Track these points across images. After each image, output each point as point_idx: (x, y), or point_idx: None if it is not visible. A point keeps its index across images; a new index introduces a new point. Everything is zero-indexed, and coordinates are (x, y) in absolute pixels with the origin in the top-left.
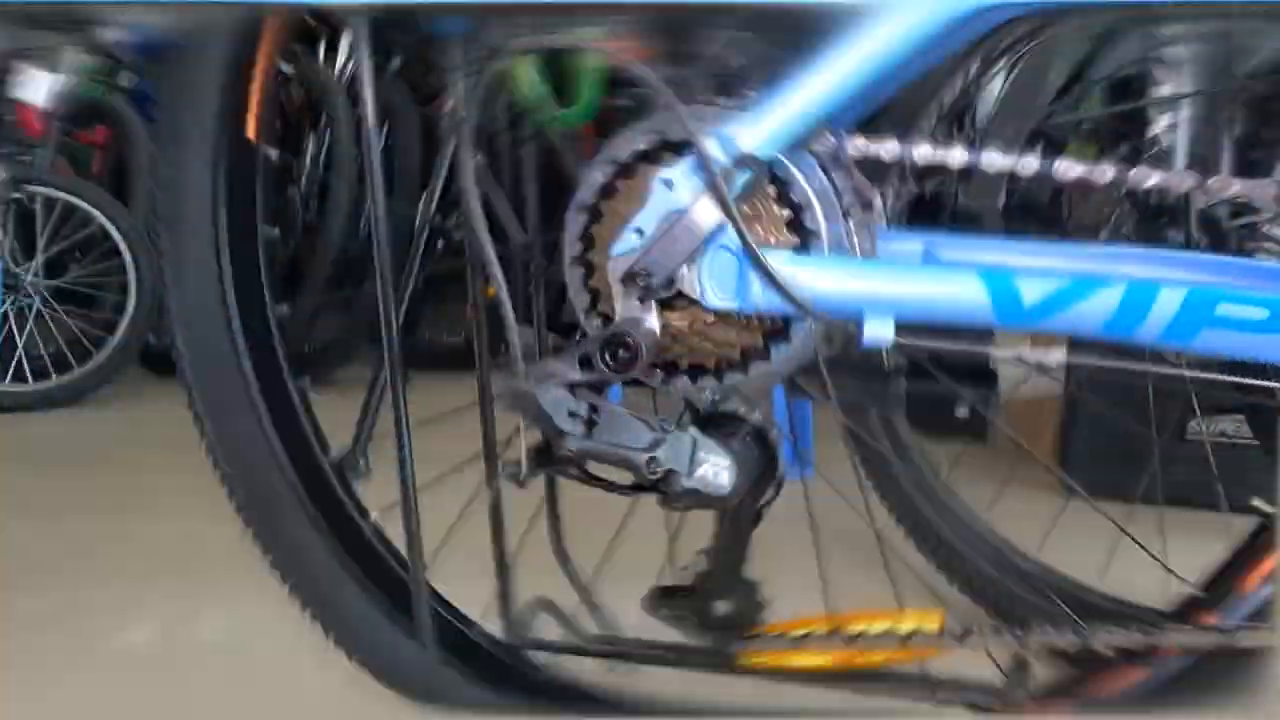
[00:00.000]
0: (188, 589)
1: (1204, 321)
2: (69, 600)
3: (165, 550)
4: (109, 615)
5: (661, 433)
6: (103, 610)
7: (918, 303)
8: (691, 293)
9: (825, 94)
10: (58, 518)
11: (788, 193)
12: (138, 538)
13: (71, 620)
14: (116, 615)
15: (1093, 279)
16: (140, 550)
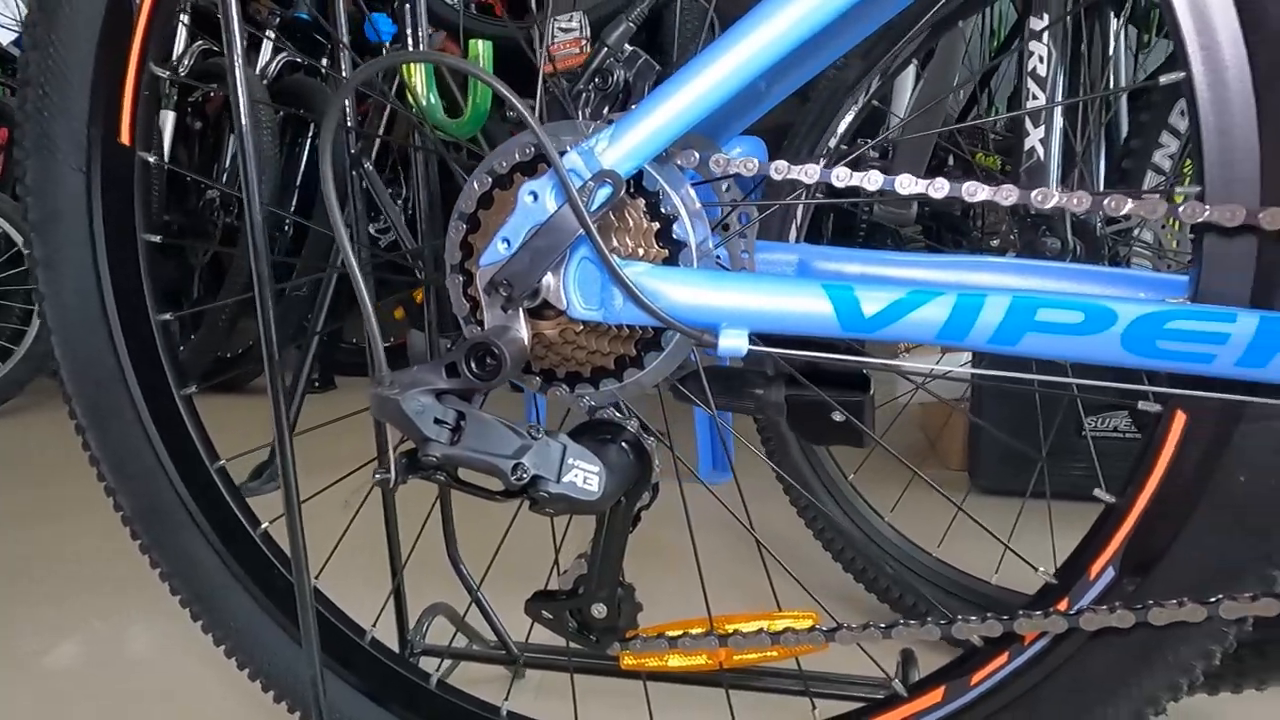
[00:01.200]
0: (111, 604)
1: (1026, 327)
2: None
3: (86, 564)
4: (32, 632)
5: (530, 439)
6: (24, 626)
7: (769, 314)
8: (557, 303)
9: (693, 106)
10: None
11: (657, 205)
12: (55, 552)
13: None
14: (40, 632)
15: (925, 290)
16: (60, 564)
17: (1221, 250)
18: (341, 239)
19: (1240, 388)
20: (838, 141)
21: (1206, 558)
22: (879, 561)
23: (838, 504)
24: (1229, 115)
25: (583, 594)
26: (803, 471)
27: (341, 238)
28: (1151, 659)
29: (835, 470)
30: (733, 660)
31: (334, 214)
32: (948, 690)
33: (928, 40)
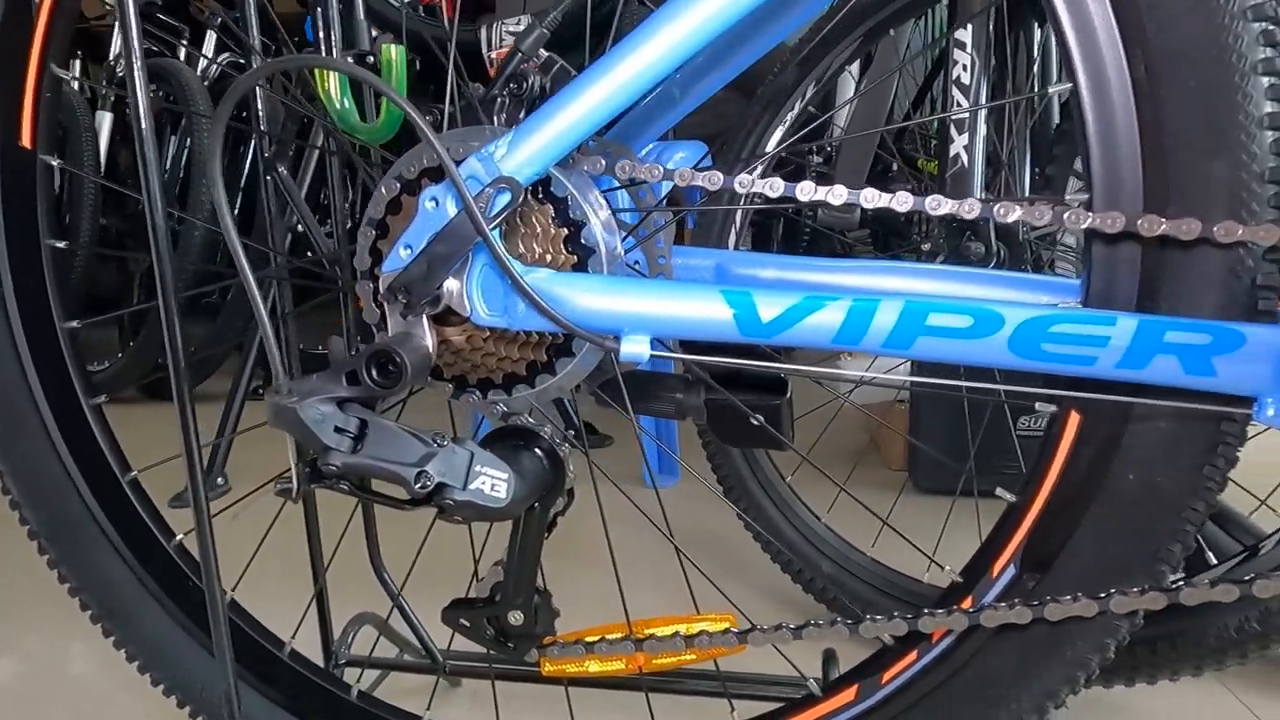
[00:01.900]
0: (53, 621)
1: (918, 331)
2: None
3: (22, 580)
4: None
5: (435, 447)
6: None
7: (669, 320)
8: (461, 309)
9: (593, 112)
10: None
11: (566, 211)
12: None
13: None
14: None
15: (820, 295)
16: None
17: (1108, 256)
18: (232, 241)
19: (1128, 389)
20: (775, 147)
21: (1100, 554)
22: (815, 562)
23: (775, 506)
24: (1112, 125)
25: (499, 601)
26: (741, 473)
27: (232, 240)
28: (1050, 654)
29: (774, 472)
30: (652, 664)
31: (224, 218)
32: (860, 689)
33: (862, 47)
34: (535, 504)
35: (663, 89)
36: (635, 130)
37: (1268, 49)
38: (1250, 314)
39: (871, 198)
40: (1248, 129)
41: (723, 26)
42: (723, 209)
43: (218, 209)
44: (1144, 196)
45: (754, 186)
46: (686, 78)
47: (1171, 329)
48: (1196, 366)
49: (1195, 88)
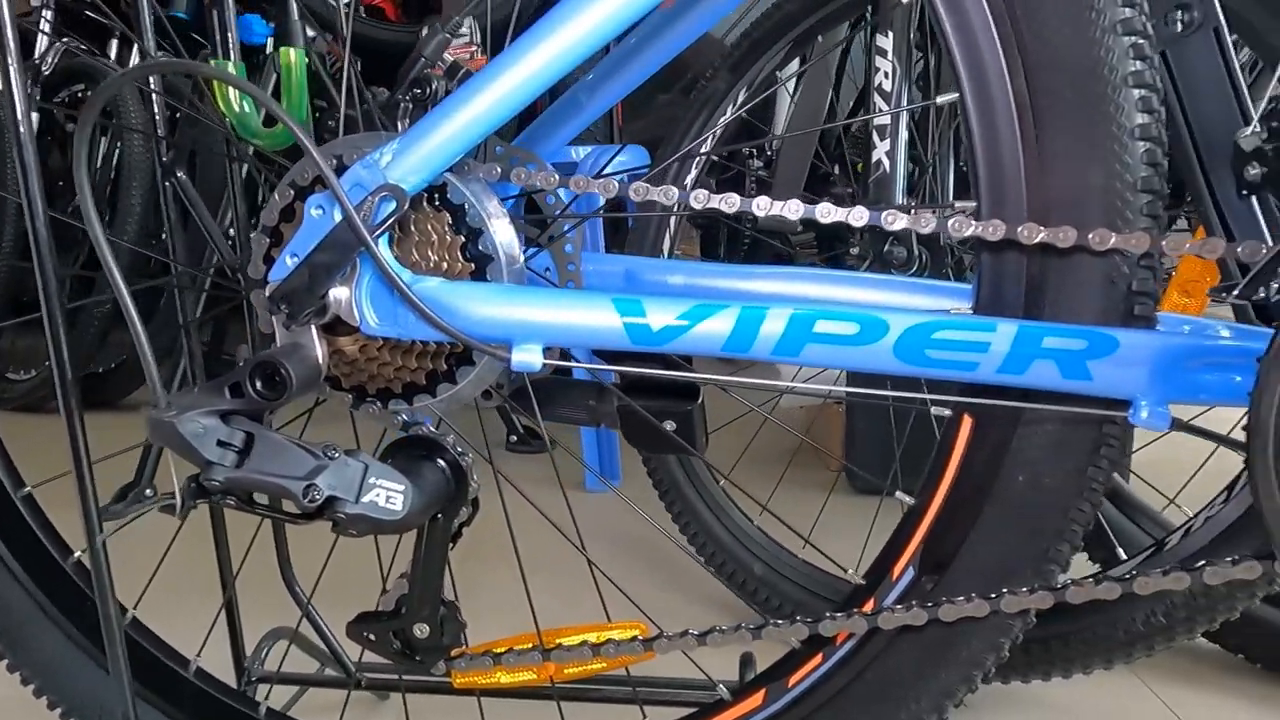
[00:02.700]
0: None
1: (806, 338)
2: None
3: None
4: None
5: (325, 459)
6: None
7: (560, 328)
8: (350, 319)
9: (481, 119)
10: None
11: (463, 218)
12: None
13: None
14: None
15: (710, 304)
16: None
17: (994, 263)
18: (100, 246)
19: (1017, 393)
20: (708, 153)
21: (993, 555)
22: (747, 564)
23: (709, 508)
24: (996, 134)
25: (404, 614)
26: (676, 477)
27: (101, 245)
28: (946, 654)
29: (708, 476)
30: (563, 673)
31: (92, 227)
32: (768, 693)
33: (791, 53)
34: (438, 515)
35: (570, 94)
36: (545, 135)
37: (1138, 62)
38: (1128, 319)
39: (776, 207)
40: (1121, 140)
41: (607, 34)
42: (657, 215)
43: (84, 214)
44: (1027, 205)
45: (674, 196)
46: (593, 82)
47: (1049, 334)
48: (1073, 371)
49: (1071, 99)
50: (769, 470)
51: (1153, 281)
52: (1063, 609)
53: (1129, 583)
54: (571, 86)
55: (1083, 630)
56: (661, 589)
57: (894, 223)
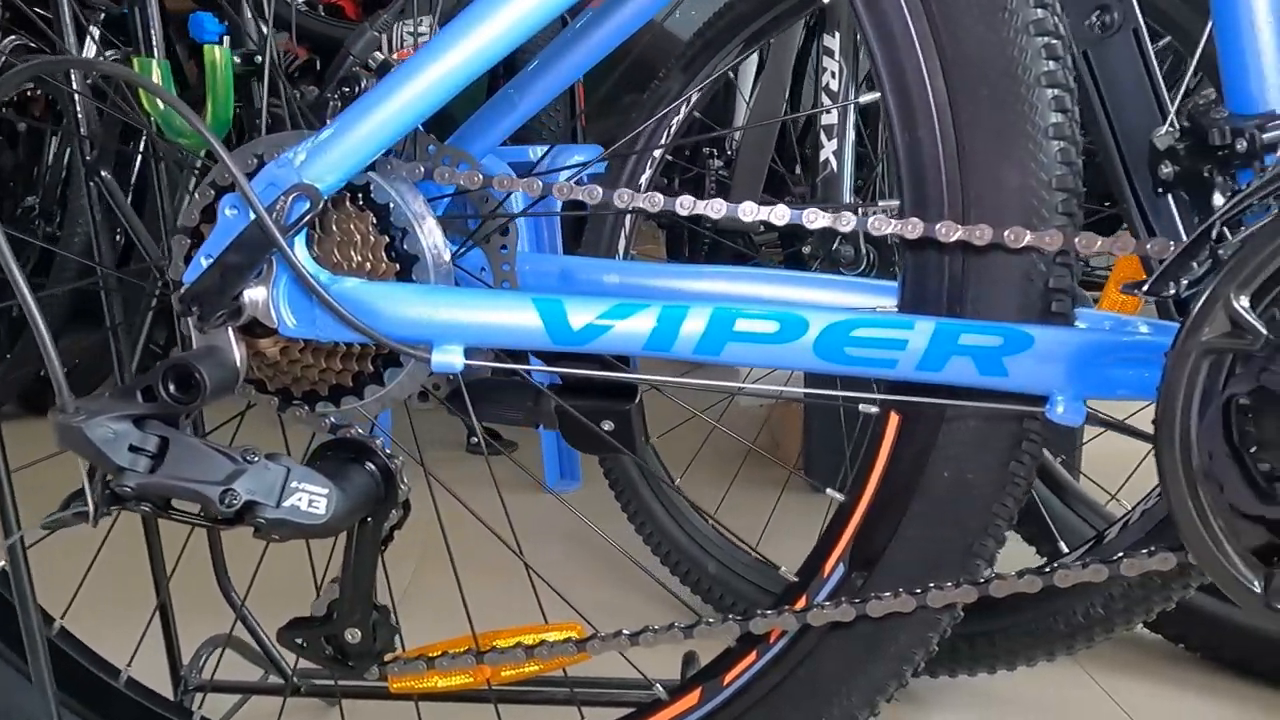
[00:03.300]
0: None
1: (727, 337)
2: None
3: None
4: None
5: (244, 464)
6: None
7: (481, 328)
8: (267, 320)
9: (397, 117)
10: None
11: (387, 218)
12: None
13: None
14: None
15: (631, 303)
16: None
17: (917, 261)
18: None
19: (943, 390)
20: (662, 152)
21: (920, 550)
22: (702, 563)
23: (664, 507)
24: (917, 134)
25: (336, 619)
26: (631, 476)
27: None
28: (876, 649)
29: (663, 474)
30: (500, 676)
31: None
32: (704, 691)
33: (743, 52)
34: (368, 519)
35: (502, 93)
36: (478, 134)
37: (1050, 62)
38: (1046, 316)
39: (699, 206)
40: (1035, 138)
41: (523, 33)
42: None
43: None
44: (947, 203)
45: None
46: (525, 81)
47: (965, 331)
48: (989, 367)
49: (987, 98)
50: (730, 465)
51: (1070, 278)
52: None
53: (1049, 576)
54: (505, 85)
55: (1025, 623)
56: (618, 589)
57: (814, 221)
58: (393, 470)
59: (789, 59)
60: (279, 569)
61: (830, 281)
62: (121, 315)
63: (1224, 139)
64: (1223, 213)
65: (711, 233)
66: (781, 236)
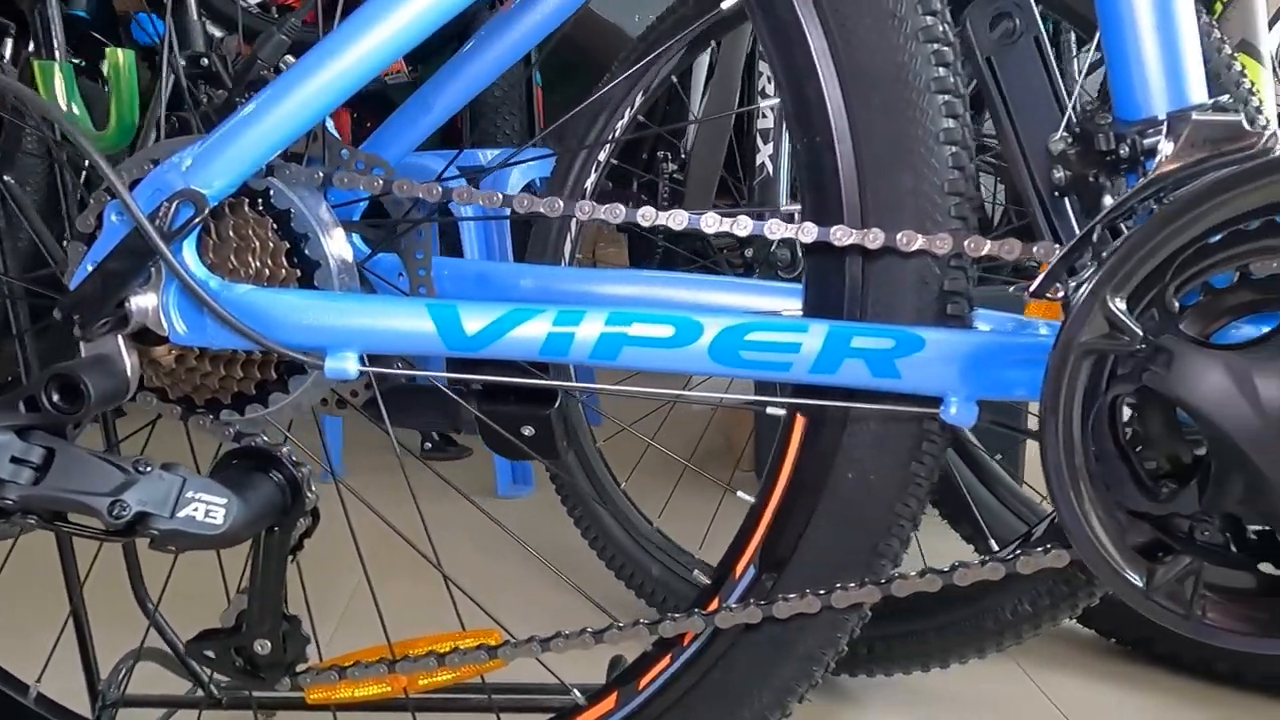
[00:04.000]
0: None
1: (622, 341)
2: None
3: None
4: None
5: (136, 474)
6: None
7: (375, 334)
8: (157, 328)
9: (289, 120)
10: None
11: (288, 223)
12: None
13: None
14: None
15: (525, 308)
16: None
17: (818, 265)
18: None
19: (842, 393)
20: (607, 156)
21: (826, 552)
22: (646, 566)
23: (609, 511)
24: (815, 139)
25: (245, 630)
26: (577, 480)
27: None
28: (785, 651)
29: (609, 479)
30: (418, 685)
31: None
32: (620, 696)
33: (686, 57)
34: (274, 528)
35: (417, 96)
36: (394, 138)
37: (941, 68)
38: (942, 318)
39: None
40: (927, 144)
41: (416, 34)
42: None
43: None
44: (845, 208)
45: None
46: (439, 84)
47: (858, 334)
48: (882, 370)
49: (880, 104)
50: (670, 475)
51: (965, 281)
52: (940, 602)
53: (949, 575)
54: (419, 89)
55: (958, 622)
56: (563, 593)
57: (712, 226)
58: (299, 479)
59: (739, 62)
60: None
61: (745, 285)
62: (28, 323)
63: (1109, 144)
64: (1102, 217)
65: (665, 238)
66: (739, 240)
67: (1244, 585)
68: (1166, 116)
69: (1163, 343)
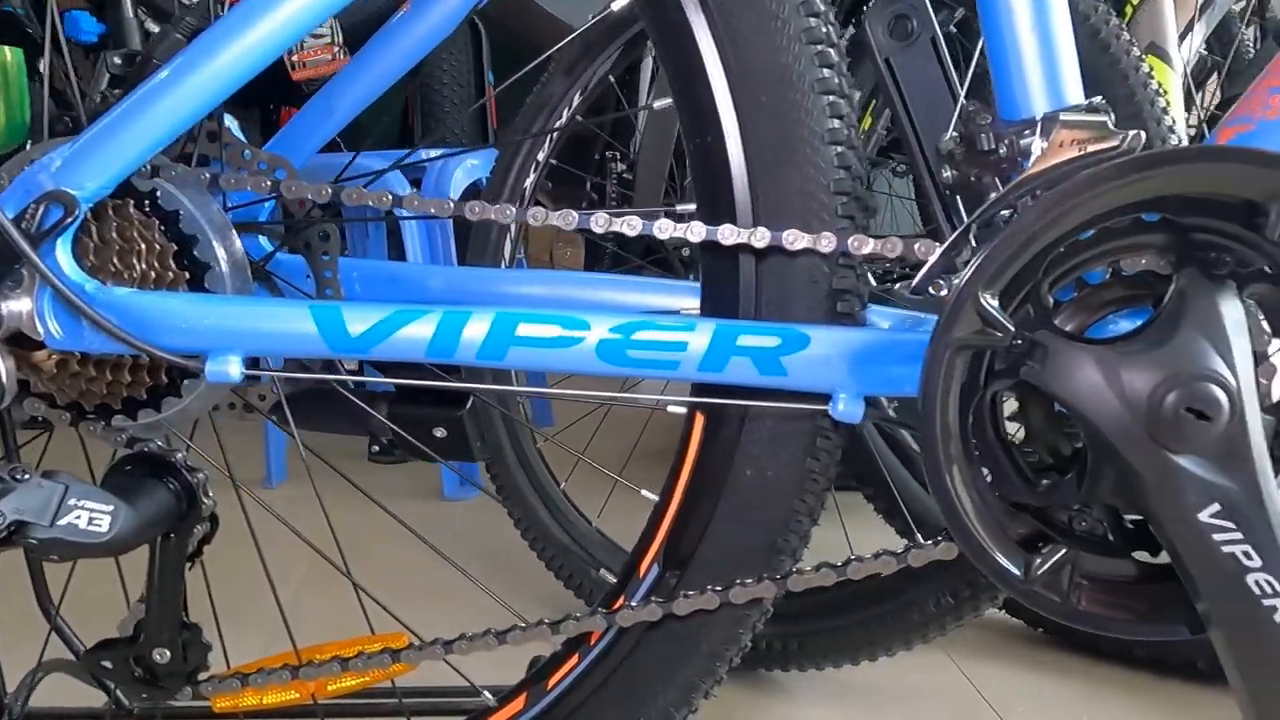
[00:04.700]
0: None
1: (509, 341)
2: None
3: None
4: None
5: (11, 482)
6: None
7: (257, 336)
8: (32, 333)
9: (166, 119)
10: None
11: (176, 225)
12: None
13: None
14: None
15: (411, 309)
16: None
17: (712, 264)
18: None
19: (743, 391)
20: (546, 155)
21: (727, 548)
22: (584, 567)
23: (549, 512)
24: (705, 139)
25: (143, 640)
26: (517, 481)
27: None
28: (688, 648)
29: (549, 479)
30: (327, 690)
31: None
32: (529, 696)
33: (623, 57)
34: (170, 534)
35: (320, 97)
36: (298, 139)
37: (825, 69)
38: (832, 316)
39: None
40: (812, 144)
41: (293, 34)
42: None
43: None
44: (737, 208)
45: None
46: (341, 86)
47: (744, 333)
48: (769, 367)
49: (766, 104)
50: (641, 471)
51: (854, 279)
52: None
53: (843, 569)
54: (320, 90)
55: (884, 615)
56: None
57: (602, 226)
58: (194, 485)
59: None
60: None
61: (660, 285)
62: None
63: (990, 144)
64: (975, 216)
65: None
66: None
67: (1123, 574)
68: (1040, 118)
69: (1038, 338)
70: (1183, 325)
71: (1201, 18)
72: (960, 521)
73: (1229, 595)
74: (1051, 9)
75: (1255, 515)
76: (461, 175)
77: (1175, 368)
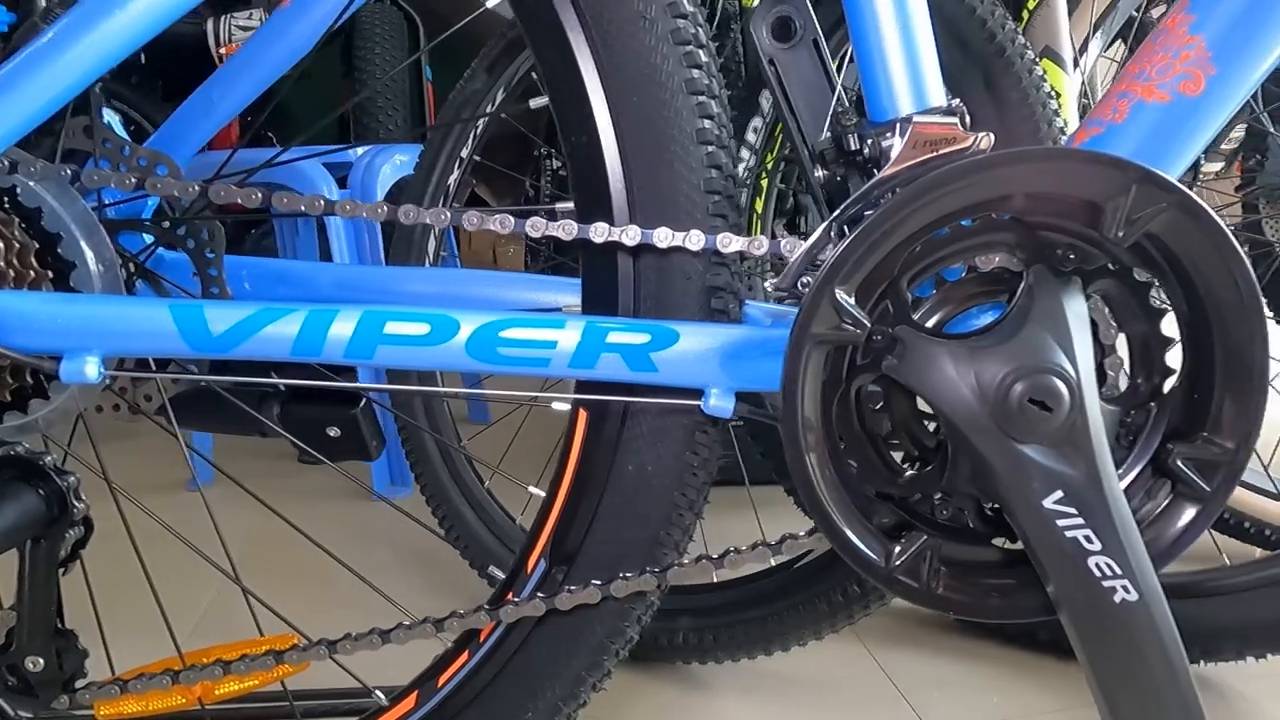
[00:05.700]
0: None
1: (377, 340)
2: None
3: None
4: None
5: None
6: None
7: (116, 335)
8: None
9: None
10: None
11: (39, 222)
12: None
13: None
14: None
15: (275, 308)
16: None
17: (591, 263)
18: None
19: (622, 388)
20: (469, 152)
21: (611, 543)
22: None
23: (474, 511)
24: (581, 138)
25: (15, 648)
26: (441, 480)
27: None
28: (574, 642)
29: (473, 479)
30: (214, 694)
31: None
32: (420, 695)
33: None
34: (40, 539)
35: (201, 93)
36: (179, 135)
37: (694, 70)
38: (707, 313)
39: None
40: (682, 143)
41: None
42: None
43: None
44: (614, 208)
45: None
46: (224, 81)
47: (613, 330)
48: (638, 364)
49: (638, 104)
50: (544, 465)
51: (728, 277)
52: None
53: (719, 561)
54: (200, 86)
55: (794, 607)
56: (431, 595)
57: (474, 226)
58: (64, 489)
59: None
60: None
61: (557, 283)
62: None
63: (854, 145)
64: (835, 215)
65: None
66: None
67: (984, 559)
68: (898, 120)
69: (896, 333)
70: (1029, 320)
71: (1101, 28)
72: (822, 510)
73: (1072, 578)
74: (912, 15)
75: (1095, 501)
76: (389, 171)
77: (1019, 361)
